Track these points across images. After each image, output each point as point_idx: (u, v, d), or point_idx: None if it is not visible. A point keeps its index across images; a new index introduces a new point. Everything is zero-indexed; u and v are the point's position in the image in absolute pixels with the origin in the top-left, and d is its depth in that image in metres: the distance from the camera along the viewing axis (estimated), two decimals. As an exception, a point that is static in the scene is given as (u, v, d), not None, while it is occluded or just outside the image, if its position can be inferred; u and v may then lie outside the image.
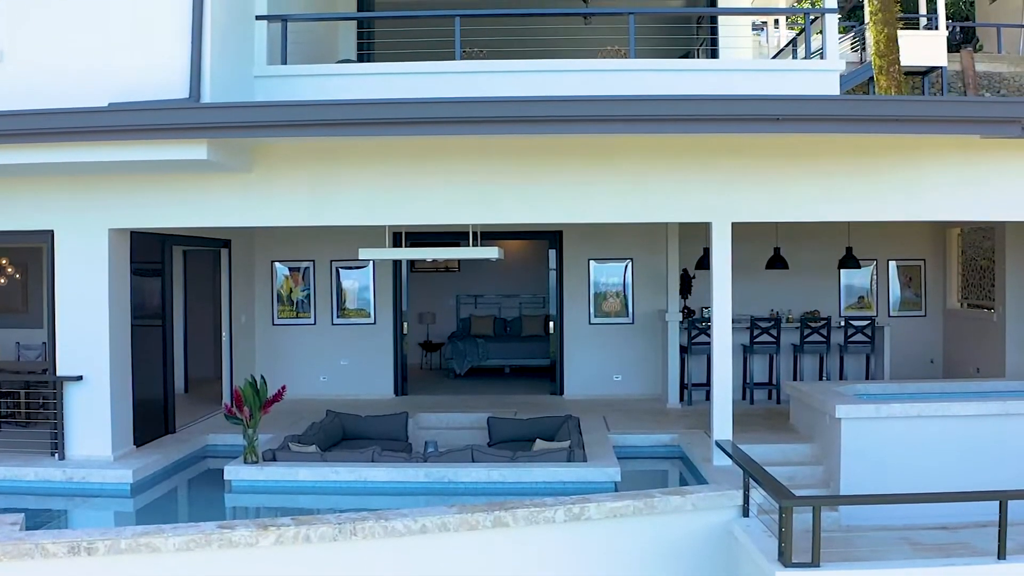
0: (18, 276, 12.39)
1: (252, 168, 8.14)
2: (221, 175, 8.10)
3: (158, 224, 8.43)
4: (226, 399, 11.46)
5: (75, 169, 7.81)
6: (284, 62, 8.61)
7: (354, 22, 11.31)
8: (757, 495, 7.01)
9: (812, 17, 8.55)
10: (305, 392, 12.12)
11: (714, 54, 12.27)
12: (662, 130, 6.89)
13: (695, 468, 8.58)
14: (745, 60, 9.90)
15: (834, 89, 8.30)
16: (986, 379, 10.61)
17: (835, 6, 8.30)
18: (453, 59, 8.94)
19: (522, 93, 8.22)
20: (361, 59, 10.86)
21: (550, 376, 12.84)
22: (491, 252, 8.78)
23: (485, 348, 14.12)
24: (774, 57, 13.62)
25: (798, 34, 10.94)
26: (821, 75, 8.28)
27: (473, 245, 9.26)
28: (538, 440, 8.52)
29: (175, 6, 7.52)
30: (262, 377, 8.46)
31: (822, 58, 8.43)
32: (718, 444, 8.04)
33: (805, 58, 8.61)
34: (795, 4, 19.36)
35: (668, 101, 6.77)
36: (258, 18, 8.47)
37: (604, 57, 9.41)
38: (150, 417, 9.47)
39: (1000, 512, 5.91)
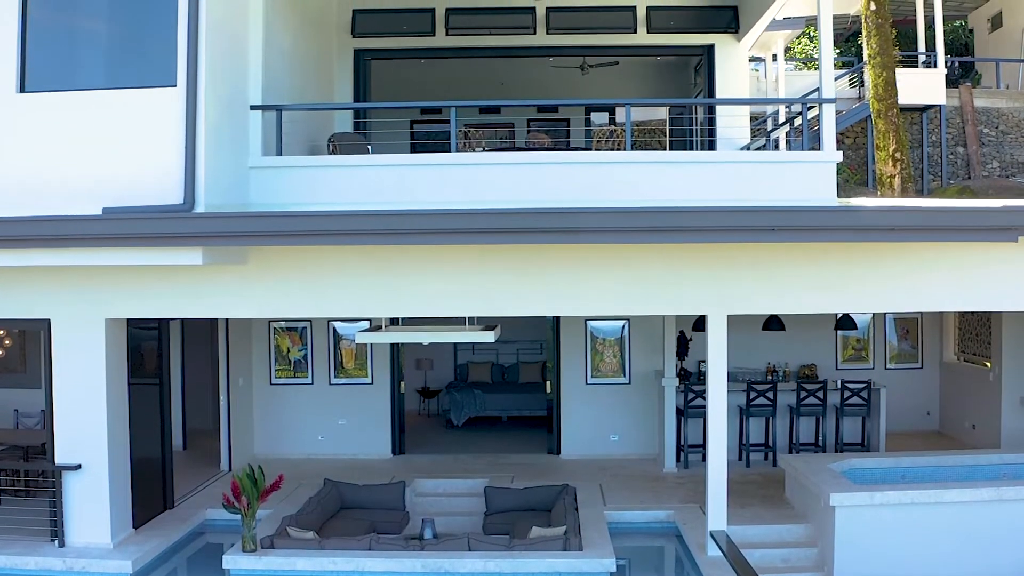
0: (16, 333, 12.40)
1: (248, 260, 8.15)
2: (217, 267, 8.11)
3: (154, 315, 8.47)
4: (223, 465, 11.54)
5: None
6: (279, 152, 8.60)
7: (350, 86, 11.31)
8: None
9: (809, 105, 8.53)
10: (303, 451, 12.19)
11: (711, 103, 12.29)
12: (657, 240, 6.90)
13: (691, 555, 8.63)
14: (741, 153, 9.88)
15: (831, 180, 8.28)
16: (981, 451, 10.63)
17: (832, 96, 8.25)
18: (448, 117, 8.89)
19: (520, 185, 8.24)
20: (357, 127, 10.85)
21: (547, 426, 12.86)
22: (487, 336, 8.79)
23: (482, 399, 14.16)
24: (772, 130, 13.57)
25: (795, 115, 10.91)
26: (818, 167, 8.26)
27: (470, 320, 9.28)
28: (534, 528, 8.55)
29: (168, 107, 7.49)
30: (260, 467, 8.50)
31: (819, 149, 8.41)
32: (713, 537, 8.09)
33: (802, 149, 8.60)
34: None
35: (664, 213, 6.77)
36: (252, 108, 8.46)
37: (600, 136, 9.41)
38: (148, 492, 9.50)
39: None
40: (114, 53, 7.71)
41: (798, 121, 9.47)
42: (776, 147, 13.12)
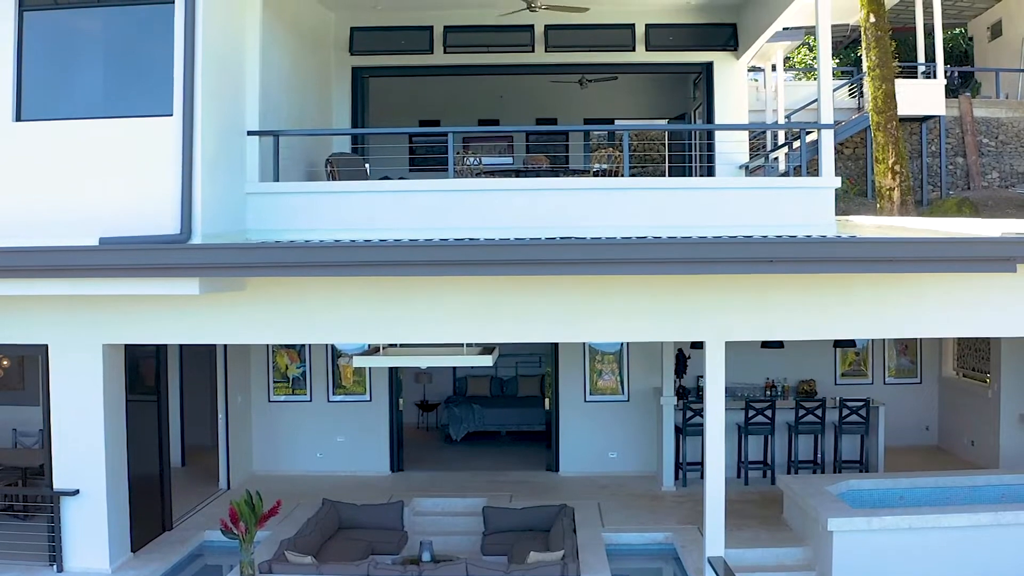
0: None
1: (245, 286, 8.14)
2: (214, 293, 8.09)
3: (152, 341, 8.46)
4: (222, 482, 11.54)
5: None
6: (276, 177, 8.58)
7: (348, 103, 11.30)
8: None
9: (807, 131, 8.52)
10: (302, 468, 12.18)
11: (709, 117, 12.27)
12: (654, 271, 6.90)
13: (689, 580, 8.64)
14: (739, 180, 9.88)
15: (830, 206, 8.27)
16: (979, 471, 10.62)
17: (831, 122, 8.24)
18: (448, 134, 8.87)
19: (517, 211, 8.24)
20: (355, 144, 10.83)
21: (546, 441, 12.86)
22: (485, 360, 8.79)
23: (481, 414, 14.14)
24: (772, 151, 13.55)
25: (793, 139, 10.89)
26: (816, 192, 8.25)
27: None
28: (532, 553, 8.54)
29: (164, 136, 7.46)
30: (258, 493, 8.49)
31: (817, 164, 8.41)
32: (711, 564, 8.08)
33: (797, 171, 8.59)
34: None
35: (662, 245, 6.76)
36: (250, 134, 8.43)
37: (598, 157, 9.39)
38: (147, 513, 9.48)
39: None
40: (110, 82, 7.69)
41: (796, 144, 9.45)
42: (776, 163, 13.12)
